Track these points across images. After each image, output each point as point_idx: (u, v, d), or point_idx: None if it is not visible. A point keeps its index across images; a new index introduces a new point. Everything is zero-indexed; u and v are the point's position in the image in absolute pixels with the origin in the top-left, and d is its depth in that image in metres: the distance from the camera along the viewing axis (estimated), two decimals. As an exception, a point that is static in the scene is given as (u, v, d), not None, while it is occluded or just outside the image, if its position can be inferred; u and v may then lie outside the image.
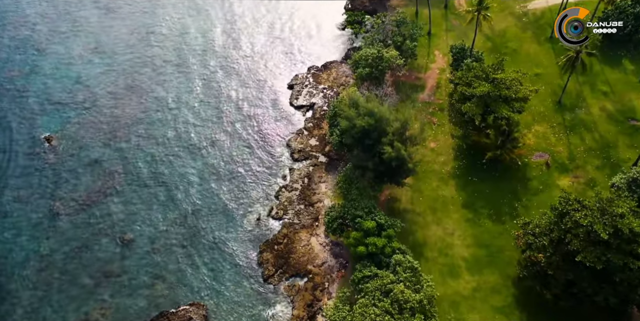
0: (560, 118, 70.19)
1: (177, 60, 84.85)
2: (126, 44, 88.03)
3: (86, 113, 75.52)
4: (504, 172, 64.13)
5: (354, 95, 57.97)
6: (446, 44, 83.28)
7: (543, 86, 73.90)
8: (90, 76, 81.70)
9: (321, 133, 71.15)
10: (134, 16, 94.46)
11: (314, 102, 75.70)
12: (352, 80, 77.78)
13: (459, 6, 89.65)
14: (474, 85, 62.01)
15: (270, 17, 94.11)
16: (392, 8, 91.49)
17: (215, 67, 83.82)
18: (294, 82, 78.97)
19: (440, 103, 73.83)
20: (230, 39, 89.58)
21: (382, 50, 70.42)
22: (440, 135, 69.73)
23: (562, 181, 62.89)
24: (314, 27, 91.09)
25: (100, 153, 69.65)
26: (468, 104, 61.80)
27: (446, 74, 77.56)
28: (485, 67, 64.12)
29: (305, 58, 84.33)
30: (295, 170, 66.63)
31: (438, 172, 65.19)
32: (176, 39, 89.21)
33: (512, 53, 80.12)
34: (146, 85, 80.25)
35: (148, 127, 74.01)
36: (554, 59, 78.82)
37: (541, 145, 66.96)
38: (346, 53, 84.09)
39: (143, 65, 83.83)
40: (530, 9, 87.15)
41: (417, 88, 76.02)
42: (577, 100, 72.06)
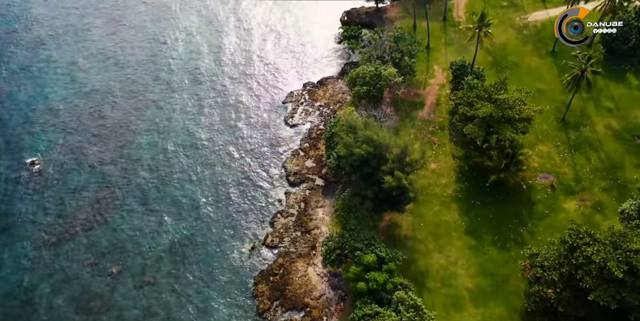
0: (564, 136, 67.94)
1: (168, 78, 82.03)
2: (115, 61, 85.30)
3: (73, 135, 72.71)
4: (508, 194, 61.79)
5: (351, 118, 55.51)
6: (445, 58, 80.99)
7: (546, 103, 71.86)
8: (77, 95, 78.86)
9: (318, 154, 68.63)
10: (121, 32, 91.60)
11: (310, 121, 73.17)
12: (349, 97, 75.35)
13: (457, 18, 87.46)
14: (476, 106, 59.66)
15: (263, 31, 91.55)
16: (390, 20, 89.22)
17: (207, 86, 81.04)
18: (289, 100, 76.43)
19: (441, 121, 71.44)
20: (222, 55, 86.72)
21: (379, 67, 68.03)
22: (441, 155, 67.33)
23: (568, 204, 60.60)
24: (309, 40, 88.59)
25: (86, 178, 66.90)
26: (470, 126, 59.38)
27: (446, 90, 75.22)
28: (488, 86, 61.77)
29: (300, 74, 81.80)
30: (291, 194, 64.06)
31: (439, 195, 62.77)
32: (166, 56, 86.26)
33: (513, 67, 77.90)
34: (135, 105, 77.46)
35: (137, 149, 71.21)
36: (557, 73, 76.67)
37: (545, 166, 64.66)
38: (343, 68, 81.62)
39: (132, 84, 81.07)
40: (530, 21, 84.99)
41: (417, 106, 73.64)
42: (582, 117, 69.85)
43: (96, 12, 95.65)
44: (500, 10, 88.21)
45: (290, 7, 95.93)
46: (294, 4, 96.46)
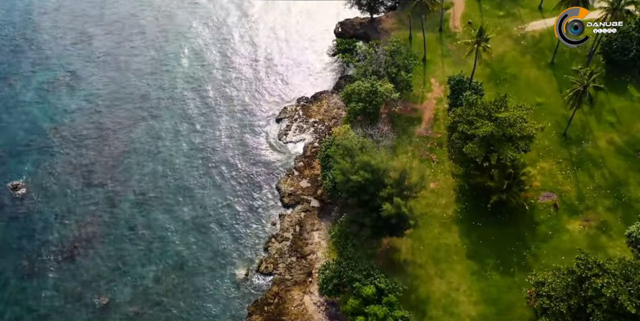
0: (566, 153, 66.03)
1: (157, 96, 79.07)
2: (104, 75, 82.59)
3: (57, 157, 69.92)
4: (510, 215, 59.74)
5: (347, 141, 53.23)
6: (442, 70, 78.99)
7: (546, 118, 69.93)
8: (62, 113, 76.07)
9: (313, 173, 66.33)
10: (111, 43, 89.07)
11: (304, 138, 70.87)
12: (344, 113, 73.15)
13: (454, 29, 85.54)
14: (476, 124, 57.61)
15: (254, 44, 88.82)
16: (385, 31, 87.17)
17: (198, 103, 78.30)
18: (283, 116, 74.11)
19: (439, 137, 69.34)
20: (213, 71, 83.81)
21: (375, 83, 65.87)
22: (440, 173, 65.22)
23: (572, 225, 58.63)
24: (302, 53, 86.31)
25: (72, 202, 64.15)
26: (470, 145, 57.32)
27: (444, 105, 73.17)
28: (487, 103, 59.77)
29: (294, 88, 79.48)
30: (286, 217, 61.71)
31: (439, 216, 60.62)
32: (156, 71, 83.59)
33: (512, 80, 76.02)
34: (124, 124, 74.65)
35: (125, 171, 68.42)
36: (556, 86, 74.86)
37: (548, 184, 62.69)
38: (337, 82, 79.42)
39: (122, 100, 78.35)
40: (528, 31, 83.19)
41: (414, 121, 71.53)
42: (583, 132, 67.99)
43: (80, 17, 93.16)
44: (497, 20, 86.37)
45: (282, 19, 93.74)
46: (286, 15, 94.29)
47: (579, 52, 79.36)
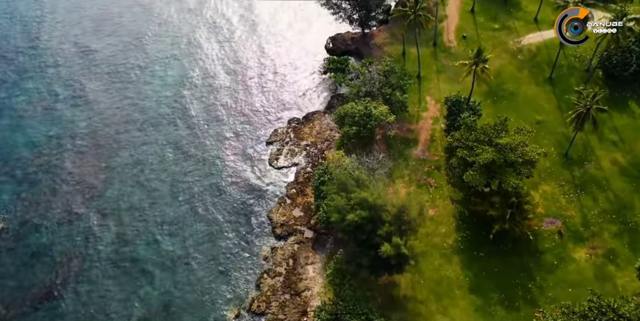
0: (568, 174, 63.60)
1: (142, 119, 75.07)
2: (86, 98, 78.70)
3: (36, 187, 66.04)
4: (513, 244, 57.08)
5: (341, 174, 50.23)
6: (438, 88, 76.36)
7: (546, 137, 67.57)
8: (41, 139, 72.17)
9: (306, 201, 63.24)
10: (94, 64, 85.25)
11: (297, 163, 67.76)
12: (337, 134, 70.16)
13: (448, 43, 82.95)
14: (476, 151, 54.96)
15: (242, 61, 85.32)
16: (377, 46, 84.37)
17: (184, 125, 74.33)
18: (273, 139, 70.93)
19: (437, 160, 66.59)
20: (199, 90, 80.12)
21: (369, 105, 63.02)
22: (439, 199, 62.45)
23: (578, 253, 56.13)
24: (292, 70, 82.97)
25: (51, 238, 60.46)
26: (470, 172, 54.62)
27: (440, 125, 70.44)
28: (487, 128, 57.13)
29: (284, 108, 76.28)
30: (279, 250, 58.57)
31: (439, 246, 57.84)
32: (140, 92, 79.75)
33: (510, 96, 73.56)
34: (106, 150, 70.80)
35: (107, 202, 64.58)
36: (555, 103, 72.53)
37: (551, 209, 60.18)
38: (329, 102, 76.36)
39: (105, 125, 74.46)
40: (524, 44, 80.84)
41: (410, 143, 68.70)
42: (585, 152, 65.63)
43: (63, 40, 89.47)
44: (492, 33, 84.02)
45: (271, 34, 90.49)
46: (274, 31, 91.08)
47: (577, 66, 77.22)
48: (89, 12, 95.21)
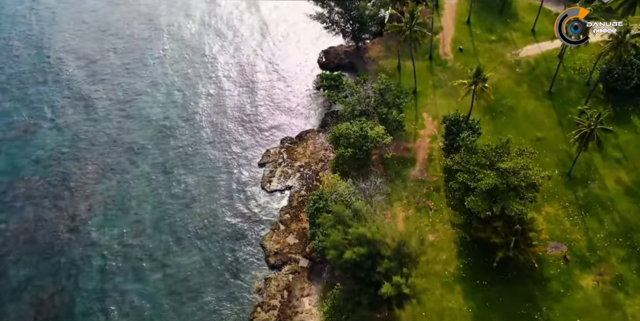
0: (572, 195, 61.40)
1: (129, 140, 71.91)
2: (69, 119, 75.29)
3: (18, 215, 62.73)
4: (518, 271, 54.69)
5: (337, 206, 47.61)
6: (435, 104, 74.04)
7: (548, 155, 65.42)
8: (23, 163, 68.84)
9: (300, 227, 60.60)
10: (77, 83, 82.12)
11: (290, 186, 65.05)
12: (332, 154, 67.57)
13: (444, 56, 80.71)
14: (477, 176, 52.60)
15: (232, 76, 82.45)
16: (371, 60, 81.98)
17: (172, 147, 70.95)
18: (266, 160, 68.18)
19: (435, 180, 64.19)
20: (187, 108, 77.05)
21: (365, 126, 60.55)
22: (439, 223, 60.02)
23: (585, 280, 53.85)
24: (284, 86, 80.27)
25: (31, 272, 57.17)
26: (472, 198, 52.27)
27: (438, 143, 68.08)
28: (488, 150, 54.76)
29: (277, 127, 73.48)
30: (272, 281, 55.84)
31: (441, 274, 55.36)
32: (127, 110, 76.60)
33: (509, 112, 71.40)
34: (90, 175, 67.41)
35: (91, 231, 61.32)
36: (556, 118, 70.43)
37: (555, 233, 57.90)
38: (323, 119, 73.73)
39: (89, 147, 71.05)
40: (522, 56, 78.76)
41: (407, 163, 66.28)
42: (588, 170, 63.48)
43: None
44: (488, 45, 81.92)
45: (260, 48, 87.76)
46: (265, 44, 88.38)
47: (577, 79, 75.21)
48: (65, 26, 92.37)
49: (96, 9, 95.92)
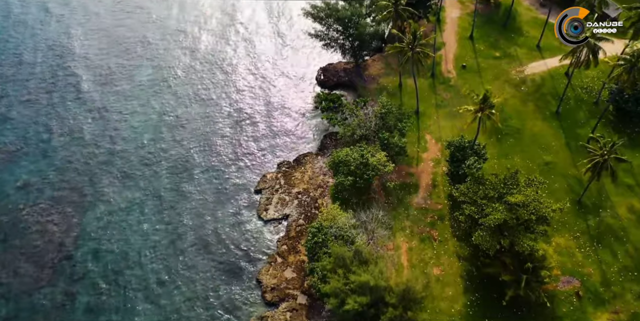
0: (583, 224, 58.60)
1: (119, 166, 68.59)
2: (55, 144, 71.77)
3: (0, 246, 59.93)
4: (528, 309, 51.81)
5: (338, 247, 44.68)
6: (438, 125, 71.17)
7: (557, 180, 62.61)
8: (8, 189, 65.29)
9: (298, 260, 57.58)
10: (62, 101, 78.93)
11: (288, 214, 62.05)
12: (331, 179, 64.62)
13: (447, 73, 77.94)
14: (485, 210, 49.74)
15: (225, 100, 78.61)
16: (371, 78, 79.15)
17: (164, 172, 67.79)
18: (262, 186, 65.11)
19: (440, 209, 61.30)
20: (178, 130, 73.68)
21: (366, 153, 57.67)
22: (444, 255, 57.09)
23: (599, 319, 51.00)
24: (281, 105, 77.19)
25: (15, 309, 53.85)
26: (479, 233, 49.48)
27: (442, 167, 65.22)
28: (497, 182, 51.90)
29: (273, 150, 70.44)
30: (269, 319, 52.70)
31: (447, 312, 52.36)
32: (116, 132, 73.47)
33: (515, 134, 68.58)
34: (80, 202, 64.17)
35: (79, 264, 58.06)
36: (564, 140, 67.62)
37: (567, 266, 55.05)
38: (322, 141, 70.79)
39: (77, 174, 67.48)
40: (528, 74, 76.06)
41: (410, 189, 63.36)
42: (599, 197, 60.69)
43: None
44: (493, 62, 79.21)
45: (257, 65, 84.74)
46: (261, 62, 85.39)
47: (585, 99, 72.52)
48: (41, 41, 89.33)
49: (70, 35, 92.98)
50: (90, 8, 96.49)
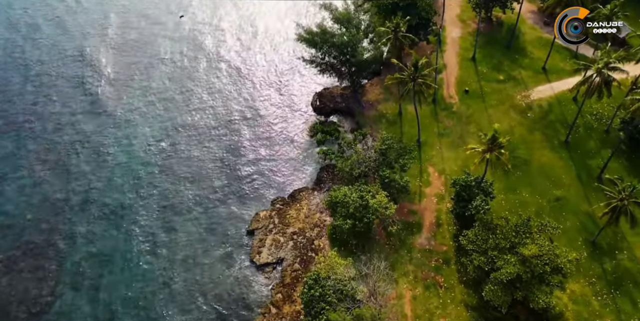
0: (599, 268, 54.74)
1: (101, 202, 64.24)
2: (31, 180, 67.06)
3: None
4: (543, 365, 48.19)
5: (338, 317, 40.70)
6: (441, 156, 67.18)
7: (569, 218, 58.74)
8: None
9: (294, 310, 53.40)
10: (42, 128, 74.62)
11: (282, 258, 57.88)
12: (328, 218, 60.52)
13: (449, 98, 74.09)
14: (497, 262, 45.88)
15: (216, 131, 74.00)
16: (369, 104, 75.16)
17: (149, 212, 63.25)
18: (255, 226, 60.86)
19: (445, 251, 57.33)
20: (164, 165, 69.12)
21: (366, 194, 53.65)
22: (451, 305, 53.07)
23: (620, 377, 47.43)
24: (274, 135, 72.75)
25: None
26: (490, 287, 45.63)
27: (446, 204, 61.31)
28: (508, 230, 48.03)
29: (267, 185, 66.08)
30: (263, 380, 48.79)
31: (456, 370, 48.69)
32: (98, 166, 68.94)
33: (523, 165, 64.73)
34: (58, 246, 59.67)
35: (56, 318, 53.90)
36: (574, 173, 63.83)
37: (582, 315, 51.11)
38: (318, 174, 66.67)
39: (54, 214, 62.91)
40: (534, 99, 72.29)
41: (412, 228, 59.33)
42: (615, 238, 56.82)
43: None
44: (496, 86, 75.37)
45: (249, 90, 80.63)
46: (253, 86, 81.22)
47: (594, 126, 68.82)
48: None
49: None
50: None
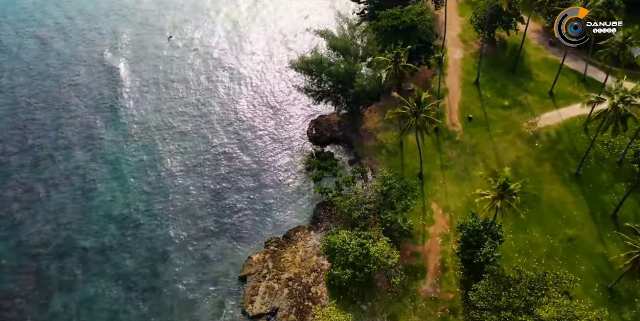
0: (618, 319, 51.05)
1: (84, 244, 60.08)
2: (7, 220, 63.31)
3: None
4: None
5: None
6: (445, 191, 63.34)
7: (582, 261, 55.12)
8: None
9: (290, 369, 49.56)
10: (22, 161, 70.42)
11: (277, 307, 53.81)
12: (326, 263, 56.46)
13: (452, 127, 70.33)
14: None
15: (206, 164, 69.72)
16: (368, 133, 71.35)
17: (133, 258, 58.92)
18: (248, 271, 56.73)
19: (451, 299, 53.39)
20: (158, 198, 65.41)
21: (366, 242, 49.75)
22: (460, 362, 49.45)
23: None
24: (268, 167, 68.75)
25: None
26: (504, 352, 41.87)
27: (451, 246, 57.46)
28: (522, 287, 44.23)
29: (260, 224, 61.81)
30: None
31: None
32: (80, 205, 64.66)
33: (532, 202, 60.84)
34: (39, 292, 55.53)
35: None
36: (587, 210, 60.07)
37: (602, 374, 47.61)
38: (314, 212, 62.64)
39: (32, 258, 58.48)
40: (541, 127, 68.62)
41: (416, 273, 55.37)
42: (634, 284, 53.06)
43: None
44: (502, 113, 71.68)
45: (241, 118, 76.55)
46: (244, 114, 77.17)
47: (606, 157, 65.22)
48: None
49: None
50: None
